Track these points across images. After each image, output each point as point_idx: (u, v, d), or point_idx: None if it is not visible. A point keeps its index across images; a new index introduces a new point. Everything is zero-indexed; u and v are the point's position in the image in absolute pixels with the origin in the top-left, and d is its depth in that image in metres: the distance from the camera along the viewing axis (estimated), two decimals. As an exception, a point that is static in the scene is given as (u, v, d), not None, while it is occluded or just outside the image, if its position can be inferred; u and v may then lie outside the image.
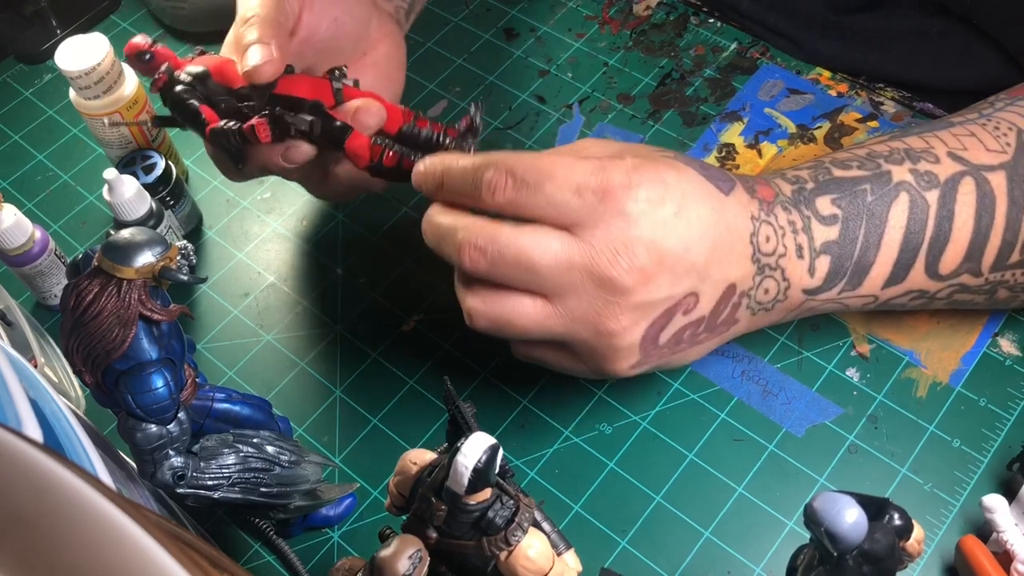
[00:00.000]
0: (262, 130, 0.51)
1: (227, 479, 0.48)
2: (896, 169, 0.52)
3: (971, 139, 0.53)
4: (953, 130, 0.54)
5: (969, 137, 0.53)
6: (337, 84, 0.53)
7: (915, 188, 0.51)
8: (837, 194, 0.51)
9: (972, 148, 0.53)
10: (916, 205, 0.51)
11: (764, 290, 0.51)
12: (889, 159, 0.53)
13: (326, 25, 0.57)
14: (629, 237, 0.46)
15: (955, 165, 0.52)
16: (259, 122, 0.51)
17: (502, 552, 0.41)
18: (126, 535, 0.20)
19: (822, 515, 0.37)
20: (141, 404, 0.44)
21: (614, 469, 0.57)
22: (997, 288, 0.54)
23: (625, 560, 0.54)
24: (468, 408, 0.44)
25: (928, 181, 0.52)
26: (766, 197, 0.51)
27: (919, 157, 0.52)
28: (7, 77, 0.81)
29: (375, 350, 0.63)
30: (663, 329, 0.49)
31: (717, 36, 0.76)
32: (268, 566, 0.55)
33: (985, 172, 0.52)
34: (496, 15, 0.80)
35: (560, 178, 0.46)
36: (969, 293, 0.54)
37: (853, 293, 0.53)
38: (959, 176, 0.52)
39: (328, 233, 0.69)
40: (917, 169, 0.52)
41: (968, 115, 0.56)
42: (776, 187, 0.52)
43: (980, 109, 0.56)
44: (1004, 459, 0.55)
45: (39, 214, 0.72)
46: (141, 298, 0.44)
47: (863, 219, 0.51)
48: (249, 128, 0.51)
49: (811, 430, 0.57)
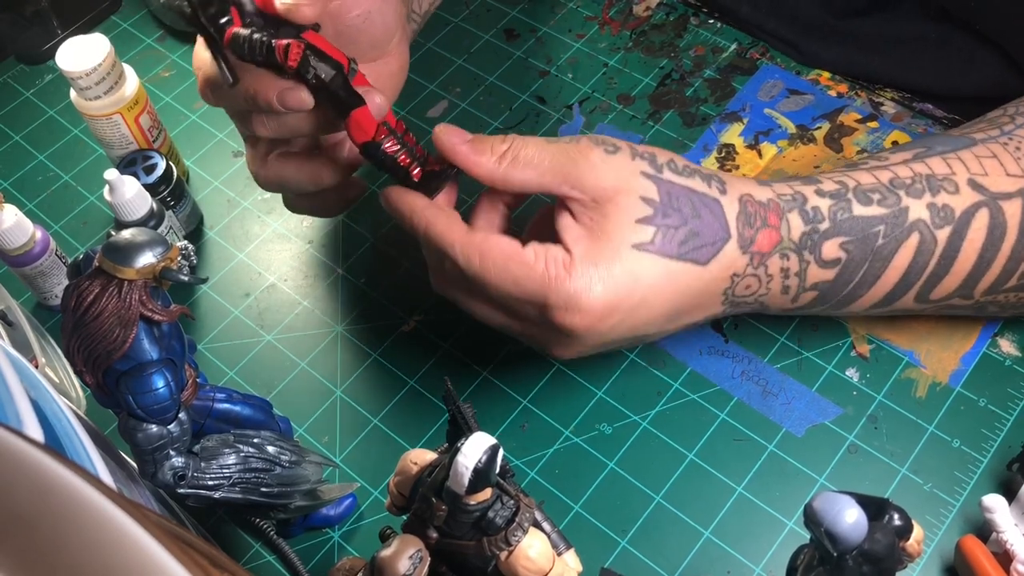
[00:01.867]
0: (295, 52, 0.48)
1: (228, 479, 0.48)
2: (914, 204, 0.51)
3: (992, 162, 0.52)
4: (975, 150, 0.53)
5: (991, 159, 0.52)
6: (354, 65, 0.52)
7: (928, 226, 0.50)
8: (849, 237, 0.50)
9: (993, 173, 0.52)
10: (924, 245, 0.51)
11: (738, 307, 0.53)
12: (910, 191, 0.51)
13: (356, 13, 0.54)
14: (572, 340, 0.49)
15: (973, 195, 0.51)
16: (295, 43, 0.48)
17: (502, 552, 0.41)
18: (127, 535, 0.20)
19: (822, 515, 0.37)
20: (142, 404, 0.44)
21: (614, 469, 0.57)
22: (987, 306, 0.55)
23: (625, 560, 0.54)
24: (468, 408, 0.44)
25: (943, 218, 0.51)
26: (763, 248, 0.50)
27: (939, 187, 0.51)
28: (8, 78, 0.81)
29: (375, 350, 0.63)
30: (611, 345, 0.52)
31: (717, 37, 0.76)
32: (268, 566, 0.55)
33: (1002, 201, 0.51)
34: (496, 16, 0.80)
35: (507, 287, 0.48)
36: (956, 309, 0.55)
37: (834, 312, 0.55)
38: (974, 209, 0.51)
39: (329, 233, 0.69)
40: (935, 203, 0.51)
41: (990, 131, 0.54)
42: (786, 227, 0.50)
43: (1000, 124, 0.55)
44: (1004, 459, 0.55)
45: (40, 214, 0.72)
46: (142, 298, 0.44)
47: (866, 263, 0.51)
48: (283, 46, 0.48)
49: (811, 430, 0.57)
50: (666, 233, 0.48)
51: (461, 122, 0.72)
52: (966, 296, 0.53)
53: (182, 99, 0.78)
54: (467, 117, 0.73)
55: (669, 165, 0.50)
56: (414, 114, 0.74)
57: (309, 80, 0.49)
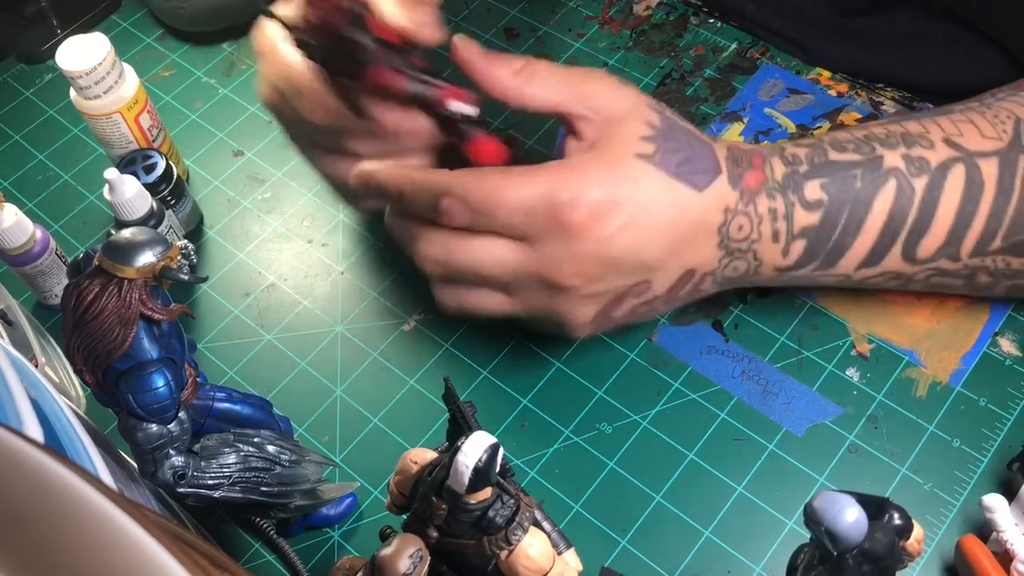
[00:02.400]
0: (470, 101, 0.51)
1: (228, 478, 0.48)
2: (889, 154, 0.52)
3: (968, 125, 0.53)
4: (952, 116, 0.54)
5: (967, 124, 0.54)
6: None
7: (904, 175, 0.52)
8: (828, 178, 0.52)
9: (968, 134, 0.53)
10: (902, 192, 0.52)
11: (733, 268, 0.53)
12: (884, 143, 0.53)
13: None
14: (573, 251, 0.49)
15: (948, 151, 0.52)
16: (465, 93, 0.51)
17: (503, 551, 0.41)
18: (127, 535, 0.20)
19: (822, 514, 0.37)
20: (142, 403, 0.44)
21: (614, 469, 0.57)
22: (976, 273, 0.55)
23: (625, 559, 0.54)
24: (468, 407, 0.44)
25: (919, 167, 0.52)
26: (751, 186, 0.51)
27: (914, 141, 0.53)
28: (8, 77, 0.81)
29: (375, 350, 0.63)
30: (616, 308, 0.53)
31: (717, 36, 0.76)
32: (268, 565, 0.55)
33: (978, 159, 0.52)
34: (496, 15, 0.80)
35: (511, 202, 0.48)
36: (947, 277, 0.55)
37: (825, 272, 0.54)
38: (950, 163, 0.52)
39: (329, 233, 0.69)
40: (910, 154, 0.52)
41: (970, 103, 0.56)
42: (769, 169, 0.52)
43: (982, 99, 0.57)
44: (1004, 459, 0.55)
45: (40, 214, 0.72)
46: (142, 298, 0.44)
47: (848, 205, 0.52)
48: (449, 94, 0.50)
49: (811, 430, 0.57)
50: (665, 152, 0.50)
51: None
52: (953, 257, 0.53)
53: (182, 98, 0.78)
54: (467, 116, 0.73)
55: (670, 109, 0.53)
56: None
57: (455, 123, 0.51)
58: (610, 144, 0.50)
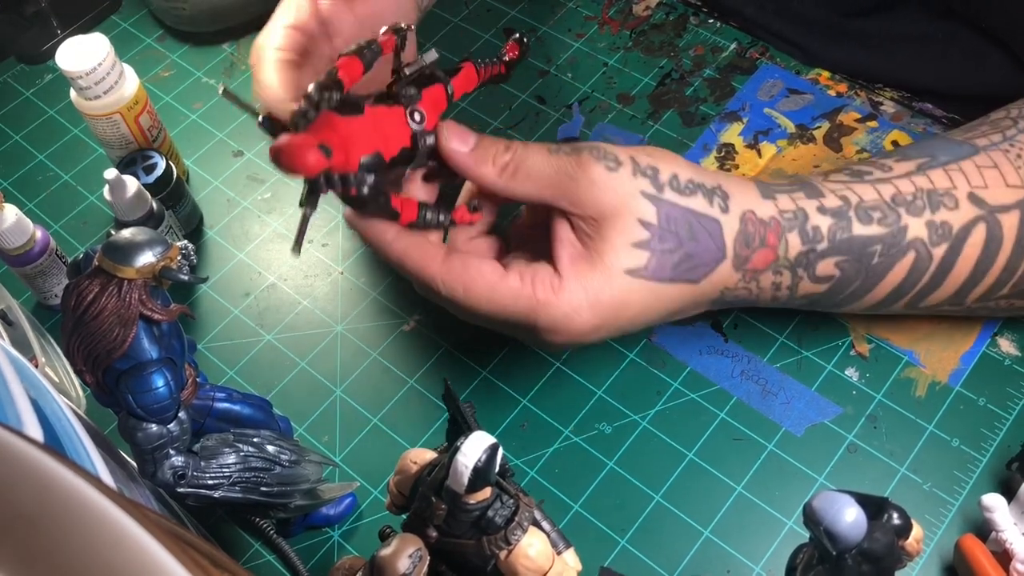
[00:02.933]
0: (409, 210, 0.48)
1: (227, 478, 0.48)
2: (913, 223, 0.51)
3: (993, 172, 0.52)
4: (977, 160, 0.52)
5: (991, 170, 0.52)
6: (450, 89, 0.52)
7: (925, 245, 0.51)
8: (845, 257, 0.50)
9: (992, 185, 0.51)
10: (920, 261, 0.51)
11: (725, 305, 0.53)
12: (911, 208, 0.51)
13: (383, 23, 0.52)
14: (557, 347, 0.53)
15: (972, 210, 0.51)
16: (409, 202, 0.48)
17: (502, 551, 0.41)
18: (127, 534, 0.20)
19: (821, 514, 0.37)
20: (142, 404, 0.44)
21: (614, 468, 0.57)
22: (977, 311, 0.56)
23: (625, 559, 0.54)
24: (468, 407, 0.44)
25: (940, 235, 0.51)
26: (758, 266, 0.50)
27: (939, 203, 0.51)
28: (8, 77, 0.81)
29: (375, 350, 0.63)
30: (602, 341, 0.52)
31: (716, 36, 0.76)
32: (268, 565, 0.55)
33: (999, 214, 0.51)
34: (496, 15, 0.80)
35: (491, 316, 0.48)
36: (945, 312, 0.56)
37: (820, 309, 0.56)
38: (972, 225, 0.51)
39: (329, 233, 0.69)
40: (934, 221, 0.51)
41: (992, 136, 0.54)
42: (784, 247, 0.50)
43: (1004, 128, 0.54)
44: (1003, 458, 0.55)
45: (40, 214, 0.72)
46: (142, 298, 0.44)
47: (860, 279, 0.51)
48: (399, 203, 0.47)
49: (810, 429, 0.57)
50: (660, 258, 0.48)
51: (462, 122, 0.72)
52: (956, 304, 0.54)
53: (182, 99, 0.78)
54: (467, 117, 0.73)
55: (671, 183, 0.48)
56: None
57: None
58: (599, 255, 0.47)
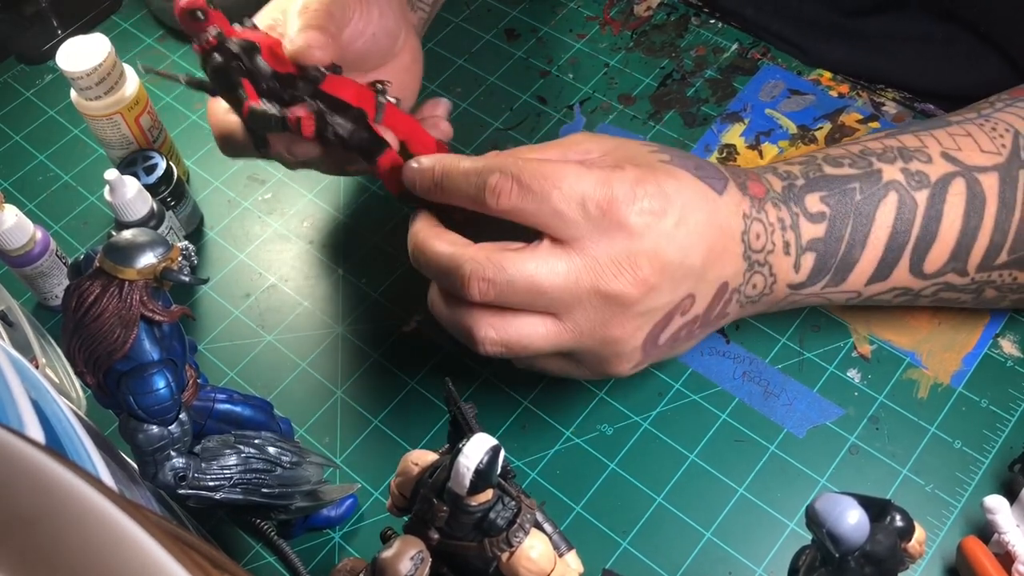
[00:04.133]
0: (307, 124, 0.49)
1: (228, 480, 0.48)
2: (887, 168, 0.52)
3: (966, 139, 0.53)
4: (950, 129, 0.54)
5: (965, 137, 0.53)
6: (382, 99, 0.52)
7: (904, 188, 0.52)
8: (826, 192, 0.52)
9: (966, 148, 0.53)
10: (904, 205, 0.51)
11: (752, 285, 0.52)
12: (881, 157, 0.53)
13: (364, 40, 0.56)
14: (632, 250, 0.47)
15: (947, 165, 0.52)
16: (307, 116, 0.49)
17: (504, 553, 0.41)
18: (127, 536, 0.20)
19: (824, 516, 0.37)
20: (143, 405, 0.44)
21: (615, 470, 0.57)
22: (984, 288, 0.55)
23: (626, 561, 0.54)
24: (469, 409, 0.44)
25: (918, 181, 0.52)
26: (757, 194, 0.51)
27: (911, 156, 0.53)
28: (8, 78, 0.81)
29: (376, 351, 0.63)
30: (663, 330, 0.50)
31: (718, 37, 0.76)
32: (269, 567, 0.55)
33: (977, 173, 0.52)
34: (497, 16, 0.80)
35: (566, 188, 0.46)
36: (955, 292, 0.55)
37: (836, 288, 0.54)
38: (950, 177, 0.52)
39: (329, 234, 0.69)
40: (908, 168, 0.52)
41: (967, 114, 0.56)
42: (767, 183, 0.52)
43: (979, 109, 0.56)
44: (1005, 460, 0.55)
45: (40, 215, 0.72)
46: (143, 299, 0.44)
47: (850, 218, 0.52)
48: (295, 120, 0.49)
49: (812, 431, 0.57)
50: (681, 159, 0.50)
51: (462, 123, 0.72)
52: (961, 271, 0.53)
53: (182, 99, 0.78)
54: (468, 117, 0.73)
55: None
56: (414, 114, 0.74)
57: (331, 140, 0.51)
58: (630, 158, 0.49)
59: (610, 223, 0.46)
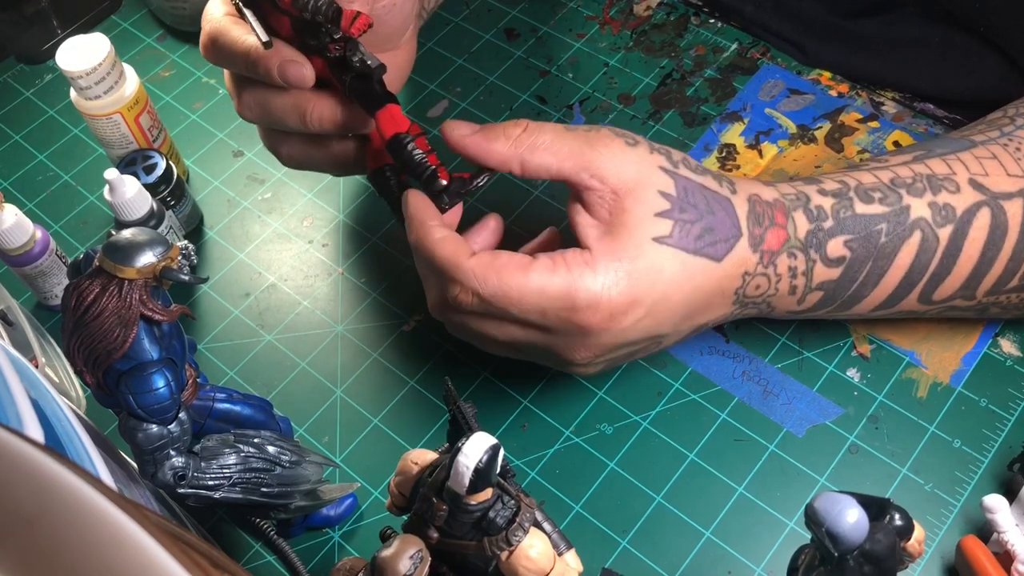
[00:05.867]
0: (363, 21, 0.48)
1: (228, 479, 0.48)
2: (915, 203, 0.51)
3: (993, 163, 0.52)
4: (975, 151, 0.53)
5: (991, 160, 0.52)
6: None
7: (930, 225, 0.51)
8: (852, 235, 0.51)
9: (993, 174, 0.52)
10: (927, 243, 0.51)
11: (744, 314, 0.53)
12: (911, 189, 0.51)
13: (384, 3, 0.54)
14: (588, 341, 0.48)
15: (975, 194, 0.51)
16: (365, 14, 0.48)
17: (503, 552, 0.41)
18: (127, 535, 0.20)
19: (823, 515, 0.37)
20: (142, 404, 0.44)
21: (615, 469, 0.57)
22: (989, 307, 0.55)
23: (626, 560, 0.54)
24: (469, 408, 0.44)
25: (944, 216, 0.51)
26: (772, 247, 0.50)
27: (940, 186, 0.51)
28: (8, 77, 0.81)
29: (376, 350, 0.63)
30: (623, 361, 0.53)
31: (717, 36, 0.76)
32: (269, 566, 0.55)
33: (1003, 200, 0.51)
34: (497, 15, 0.80)
35: (527, 303, 0.47)
36: (959, 311, 0.55)
37: (839, 313, 0.54)
38: (975, 208, 0.51)
39: (329, 233, 0.69)
40: (936, 202, 0.51)
41: (989, 133, 0.54)
42: (792, 226, 0.50)
43: (1001, 126, 0.55)
44: (1005, 459, 0.55)
45: (40, 214, 0.72)
46: (142, 298, 0.44)
47: (870, 261, 0.51)
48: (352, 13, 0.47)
49: (812, 430, 0.57)
50: (683, 228, 0.48)
51: (462, 122, 0.72)
52: (968, 297, 0.53)
53: (182, 99, 0.78)
54: (468, 117, 0.73)
55: (684, 162, 0.50)
56: (414, 114, 0.74)
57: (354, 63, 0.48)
58: (625, 227, 0.47)
59: (570, 327, 0.48)
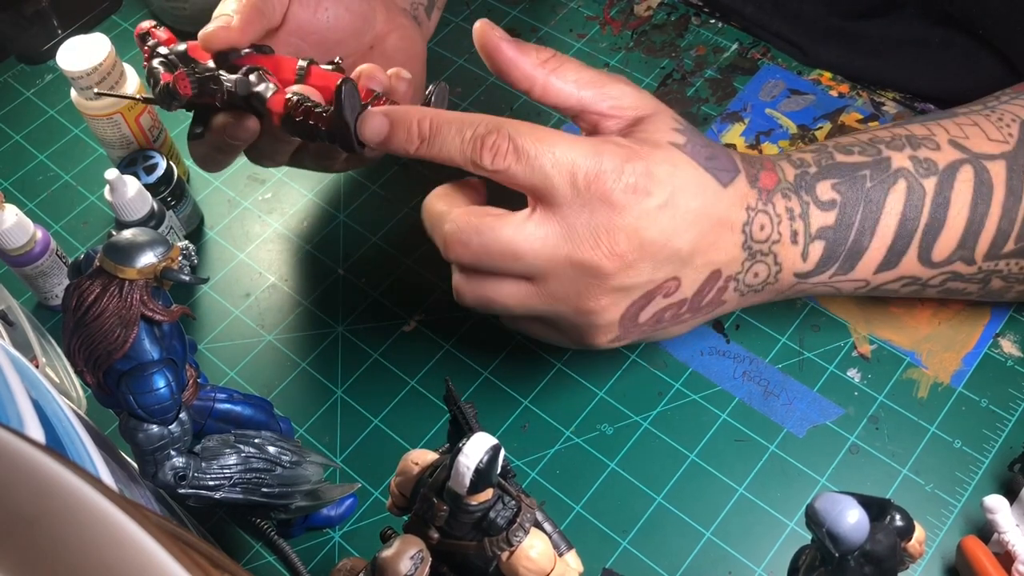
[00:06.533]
0: (182, 82, 0.51)
1: (228, 479, 0.48)
2: (896, 155, 0.53)
3: (974, 128, 0.54)
4: (957, 119, 0.55)
5: (972, 126, 0.54)
6: (302, 62, 0.53)
7: (913, 175, 0.52)
8: (838, 179, 0.52)
9: (974, 137, 0.53)
10: (913, 192, 0.52)
11: (754, 274, 0.52)
12: (890, 145, 0.53)
13: (320, 17, 0.57)
14: (612, 224, 0.47)
15: (955, 153, 0.52)
16: (180, 73, 0.51)
17: (504, 552, 0.41)
18: (127, 535, 0.20)
19: (824, 516, 0.37)
20: (143, 404, 0.44)
21: (615, 470, 0.57)
22: (991, 277, 0.55)
23: (626, 560, 0.54)
24: (469, 408, 0.44)
25: (927, 168, 0.52)
26: (767, 185, 0.52)
27: (920, 143, 0.53)
28: (8, 77, 0.81)
29: (376, 350, 0.63)
30: (643, 309, 0.51)
31: (718, 36, 0.76)
32: (269, 566, 0.55)
33: (985, 161, 0.52)
34: (497, 15, 0.80)
35: (559, 154, 0.47)
36: (962, 281, 0.55)
37: (845, 277, 0.54)
38: (958, 164, 0.52)
39: (329, 233, 0.69)
40: (917, 156, 0.52)
41: (973, 107, 0.56)
42: (780, 171, 0.52)
43: (985, 102, 0.57)
44: (1005, 460, 0.55)
45: (40, 214, 0.72)
46: (143, 298, 0.44)
47: (860, 205, 0.52)
48: (172, 79, 0.51)
49: (812, 431, 0.57)
50: (695, 146, 0.50)
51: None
52: (968, 260, 0.53)
53: (183, 99, 0.78)
54: (468, 117, 0.73)
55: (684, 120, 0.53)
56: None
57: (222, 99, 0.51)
58: (644, 132, 0.50)
59: (593, 195, 0.47)
